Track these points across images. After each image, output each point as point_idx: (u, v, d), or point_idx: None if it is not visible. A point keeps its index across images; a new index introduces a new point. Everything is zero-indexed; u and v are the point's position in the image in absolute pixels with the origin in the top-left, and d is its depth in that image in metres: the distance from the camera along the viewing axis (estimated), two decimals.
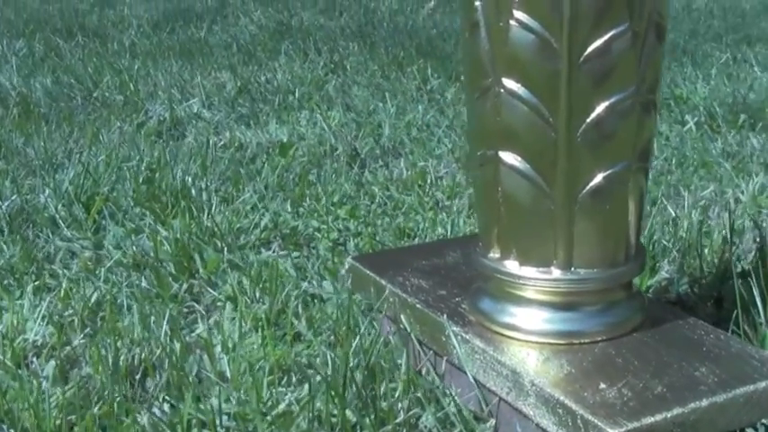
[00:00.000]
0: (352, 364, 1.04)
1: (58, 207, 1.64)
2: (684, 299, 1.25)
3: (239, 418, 1.01)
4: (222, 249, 1.46)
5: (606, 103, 0.96)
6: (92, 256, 1.49)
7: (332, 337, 1.18)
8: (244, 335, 1.19)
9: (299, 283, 1.32)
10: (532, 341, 1.02)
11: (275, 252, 1.49)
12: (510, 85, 0.97)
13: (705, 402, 0.90)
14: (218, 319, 1.26)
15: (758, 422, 0.93)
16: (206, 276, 1.39)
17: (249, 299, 1.29)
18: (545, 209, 0.99)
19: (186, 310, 1.31)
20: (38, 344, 1.19)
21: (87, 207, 1.65)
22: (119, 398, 1.01)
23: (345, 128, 2.18)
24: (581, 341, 1.01)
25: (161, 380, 1.08)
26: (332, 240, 1.52)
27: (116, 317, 1.24)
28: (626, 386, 0.93)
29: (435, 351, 1.09)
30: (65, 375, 1.12)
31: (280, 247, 1.51)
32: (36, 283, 1.38)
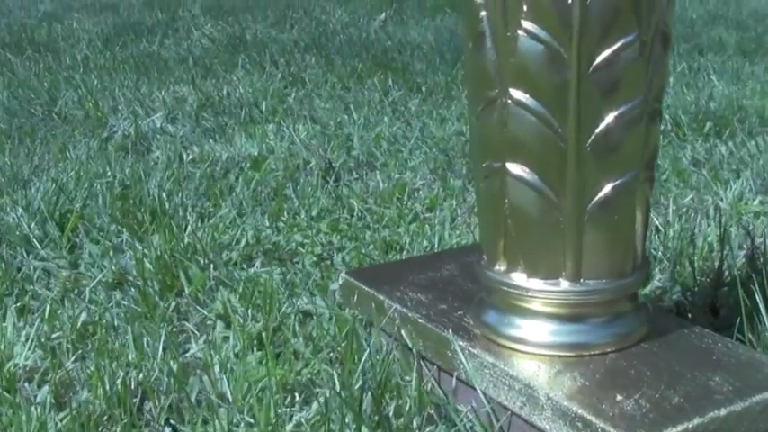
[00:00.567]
0: (361, 381, 1.02)
1: (32, 225, 1.60)
2: (680, 307, 1.26)
3: None
4: (207, 266, 1.43)
5: (615, 113, 0.95)
6: (69, 275, 1.45)
7: (332, 354, 1.16)
8: (240, 354, 1.16)
9: (291, 300, 1.29)
10: (541, 354, 1.01)
11: (258, 268, 1.47)
12: (518, 95, 0.96)
13: (723, 411, 0.90)
14: (210, 338, 1.23)
15: None
16: (193, 294, 1.36)
17: (241, 317, 1.27)
18: (553, 220, 0.99)
19: (176, 329, 1.28)
20: (28, 368, 1.16)
21: (61, 225, 1.61)
22: (124, 421, 0.98)
23: (315, 141, 2.16)
24: (590, 353, 1.01)
25: (162, 402, 1.05)
26: (316, 255, 1.50)
27: (106, 338, 1.21)
28: (642, 397, 0.92)
29: (440, 366, 1.08)
30: (59, 400, 1.09)
31: (263, 263, 1.49)
32: (18, 304, 1.34)
